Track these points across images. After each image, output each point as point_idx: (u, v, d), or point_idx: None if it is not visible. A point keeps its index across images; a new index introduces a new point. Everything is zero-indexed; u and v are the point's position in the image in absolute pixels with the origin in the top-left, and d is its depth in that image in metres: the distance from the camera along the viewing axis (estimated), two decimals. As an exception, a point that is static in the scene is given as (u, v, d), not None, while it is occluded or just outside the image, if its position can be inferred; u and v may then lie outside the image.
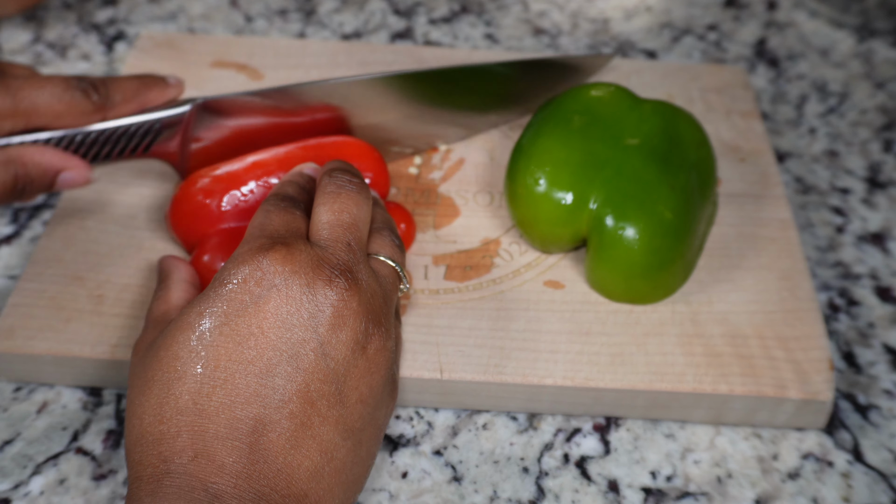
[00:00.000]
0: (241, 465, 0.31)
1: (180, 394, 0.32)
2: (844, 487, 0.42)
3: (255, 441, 0.31)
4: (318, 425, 0.32)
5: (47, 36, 0.64)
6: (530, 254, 0.47)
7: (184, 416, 0.31)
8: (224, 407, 0.31)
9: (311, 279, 0.33)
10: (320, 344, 0.33)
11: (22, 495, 0.40)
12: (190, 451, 0.31)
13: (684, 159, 0.45)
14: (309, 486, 0.32)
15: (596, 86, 0.48)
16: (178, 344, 0.33)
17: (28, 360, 0.42)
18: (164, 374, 0.33)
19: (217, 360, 0.32)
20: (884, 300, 0.50)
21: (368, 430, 0.35)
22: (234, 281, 0.34)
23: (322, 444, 0.32)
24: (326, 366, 0.33)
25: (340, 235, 0.36)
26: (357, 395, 0.34)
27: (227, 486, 0.30)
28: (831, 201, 0.55)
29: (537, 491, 0.41)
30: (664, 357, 0.43)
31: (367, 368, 0.34)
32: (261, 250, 0.34)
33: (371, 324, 0.34)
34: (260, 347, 0.32)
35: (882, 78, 0.64)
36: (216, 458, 0.31)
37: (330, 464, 0.32)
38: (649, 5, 0.70)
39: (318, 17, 0.67)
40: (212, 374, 0.32)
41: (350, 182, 0.39)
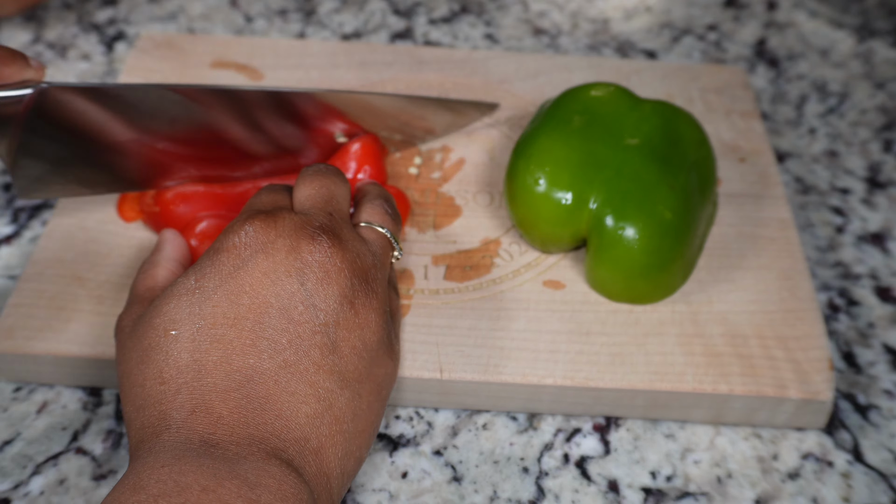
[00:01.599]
0: (238, 414, 0.32)
1: (179, 353, 0.33)
2: (844, 487, 0.42)
3: (251, 390, 0.32)
4: (313, 373, 0.34)
5: (47, 36, 0.64)
6: (530, 254, 0.47)
7: (183, 374, 0.33)
8: (221, 361, 0.33)
9: (294, 240, 0.35)
10: (308, 296, 0.34)
11: (22, 495, 0.40)
12: (188, 405, 0.32)
13: (684, 159, 0.45)
14: (309, 431, 0.33)
15: (596, 86, 0.48)
16: (173, 309, 0.34)
17: (28, 360, 0.42)
18: (161, 340, 0.34)
19: (214, 318, 0.34)
20: (884, 300, 0.50)
21: (367, 385, 0.36)
22: (224, 249, 0.35)
23: (318, 392, 0.33)
24: (316, 317, 0.34)
25: (321, 205, 0.38)
26: (349, 346, 0.35)
27: (224, 435, 0.31)
28: (831, 201, 0.55)
29: (537, 491, 0.41)
30: (664, 357, 0.43)
31: (357, 322, 0.35)
32: (248, 220, 0.36)
33: (357, 280, 0.36)
34: (252, 304, 0.34)
35: (882, 78, 0.64)
36: (213, 410, 0.32)
37: (329, 411, 0.33)
38: (649, 5, 0.70)
39: (318, 17, 0.67)
40: (208, 331, 0.33)
41: (327, 167, 0.41)
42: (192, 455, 0.30)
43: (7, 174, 0.54)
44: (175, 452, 0.30)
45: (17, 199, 0.43)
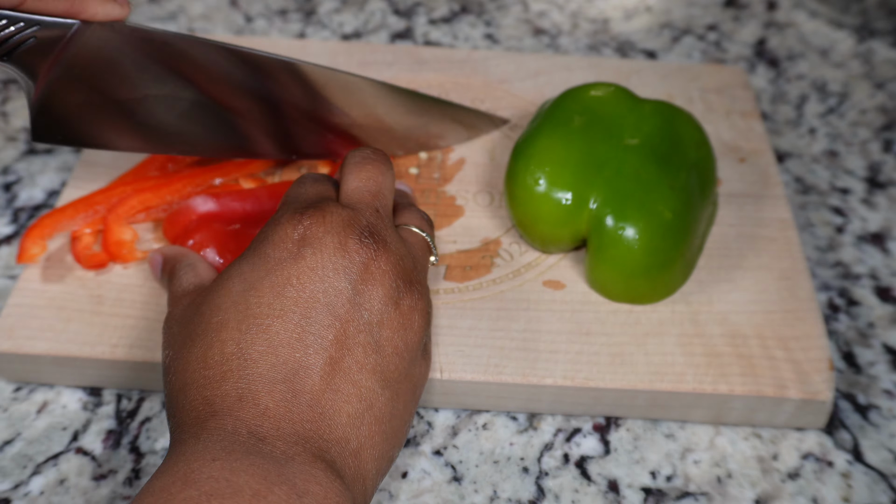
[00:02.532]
0: (283, 407, 0.32)
1: (225, 341, 0.33)
2: (844, 487, 0.42)
3: (297, 385, 0.32)
4: (356, 372, 0.33)
5: (47, 36, 0.64)
6: (530, 254, 0.47)
7: (229, 360, 0.33)
8: (267, 352, 0.33)
9: (342, 238, 0.35)
10: (355, 294, 0.34)
11: (22, 495, 0.40)
12: (234, 393, 0.32)
13: (684, 159, 0.45)
14: (350, 431, 0.33)
15: (596, 86, 0.48)
16: (220, 297, 0.34)
17: (28, 360, 0.42)
18: (207, 326, 0.34)
19: (259, 308, 0.34)
20: (884, 300, 0.50)
21: (405, 385, 0.36)
22: (271, 241, 0.35)
23: (361, 391, 0.33)
24: (361, 316, 0.34)
25: (368, 201, 0.38)
26: (392, 347, 0.35)
27: (271, 429, 0.31)
28: (831, 201, 0.55)
29: (537, 491, 0.41)
30: (664, 357, 0.43)
31: (400, 323, 0.35)
32: (296, 213, 0.36)
33: (402, 282, 0.36)
34: (298, 298, 0.34)
35: (882, 78, 0.64)
36: (260, 401, 0.32)
37: (369, 411, 0.33)
38: (649, 5, 0.70)
39: (318, 17, 0.67)
40: (254, 321, 0.33)
41: (374, 153, 0.40)
42: (242, 451, 0.30)
43: (7, 174, 0.54)
44: (224, 444, 0.30)
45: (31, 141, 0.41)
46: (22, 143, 0.56)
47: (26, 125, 0.57)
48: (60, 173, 0.54)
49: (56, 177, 0.54)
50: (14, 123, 0.58)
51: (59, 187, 0.54)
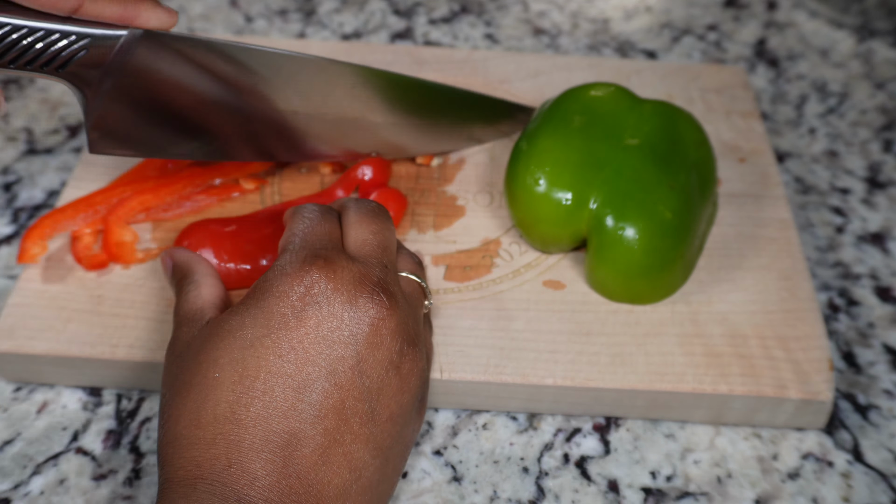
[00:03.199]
0: (273, 478, 0.31)
1: (218, 401, 0.32)
2: (844, 487, 0.42)
3: (288, 455, 0.31)
4: (349, 443, 0.32)
5: (47, 36, 0.64)
6: (530, 254, 0.47)
7: (220, 423, 0.32)
8: (261, 418, 0.32)
9: (352, 296, 0.34)
10: (358, 362, 0.33)
11: (22, 495, 0.40)
12: (224, 459, 0.31)
13: (684, 159, 0.45)
14: (336, 503, 0.32)
15: (596, 86, 0.48)
16: (217, 350, 0.33)
17: (28, 360, 0.42)
18: (202, 379, 0.33)
19: (257, 370, 0.32)
20: (884, 300, 0.50)
21: (396, 448, 0.35)
22: (275, 294, 0.34)
23: (352, 462, 0.32)
24: (362, 384, 0.33)
25: (378, 255, 0.37)
26: (388, 413, 0.34)
27: (259, 499, 0.30)
28: (831, 201, 0.55)
29: (537, 491, 0.41)
30: (664, 357, 0.43)
31: (399, 387, 0.34)
32: (304, 264, 0.34)
33: (406, 344, 0.35)
34: (299, 362, 0.33)
35: (882, 78, 0.64)
36: (249, 470, 0.31)
37: (358, 482, 0.33)
38: (649, 5, 0.70)
39: (318, 17, 0.67)
40: (251, 384, 0.32)
41: (379, 206, 0.39)
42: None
43: (7, 174, 0.54)
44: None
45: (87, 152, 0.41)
46: (22, 143, 0.56)
47: (26, 125, 0.57)
48: (60, 173, 0.54)
49: (56, 177, 0.54)
50: (14, 123, 0.58)
51: (59, 187, 0.54)
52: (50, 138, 0.57)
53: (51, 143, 0.56)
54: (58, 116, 0.58)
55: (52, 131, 0.57)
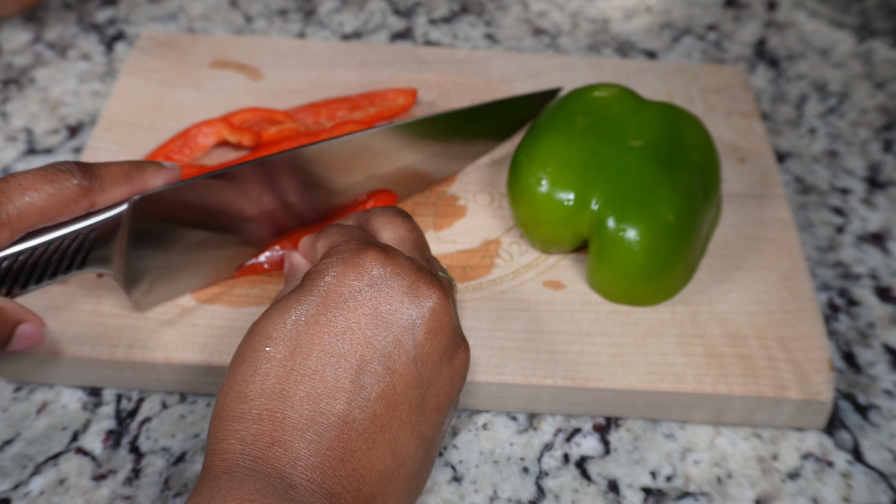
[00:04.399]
0: (317, 458, 0.31)
1: (267, 375, 0.32)
2: (844, 487, 0.42)
3: (333, 438, 0.31)
4: (396, 430, 0.32)
5: (47, 36, 0.64)
6: (530, 254, 0.47)
7: (267, 398, 0.31)
8: (309, 398, 0.31)
9: (413, 282, 0.33)
10: (415, 347, 0.33)
11: (22, 495, 0.40)
12: (268, 436, 0.31)
13: (687, 161, 0.45)
14: (377, 489, 0.32)
15: (600, 87, 0.48)
16: (271, 325, 0.33)
17: (28, 360, 0.42)
18: (253, 353, 0.32)
19: (310, 348, 0.32)
20: (884, 300, 0.50)
21: (437, 439, 0.35)
22: (332, 273, 0.33)
23: (396, 450, 0.32)
24: (417, 370, 0.33)
25: (419, 250, 0.37)
26: (435, 403, 0.34)
27: (302, 479, 0.30)
28: (831, 201, 0.55)
29: (537, 491, 0.41)
30: (664, 357, 0.43)
31: (450, 378, 0.34)
32: (359, 249, 0.34)
33: (458, 335, 0.35)
34: (355, 342, 0.32)
35: (882, 78, 0.64)
36: (293, 448, 0.30)
37: (399, 469, 0.32)
38: (649, 5, 0.70)
39: (318, 17, 0.67)
40: (302, 362, 0.32)
41: (401, 210, 0.39)
42: (275, 494, 0.29)
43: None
44: (259, 487, 0.29)
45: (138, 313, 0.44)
46: (22, 143, 0.56)
47: (26, 125, 0.57)
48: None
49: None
50: (14, 123, 0.58)
51: (59, 187, 0.53)
52: (50, 138, 0.57)
53: (51, 143, 0.56)
54: (58, 116, 0.58)
55: (52, 131, 0.57)
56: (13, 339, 0.37)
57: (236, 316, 0.44)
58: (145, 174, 0.39)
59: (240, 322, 0.43)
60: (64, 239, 0.37)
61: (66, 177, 0.36)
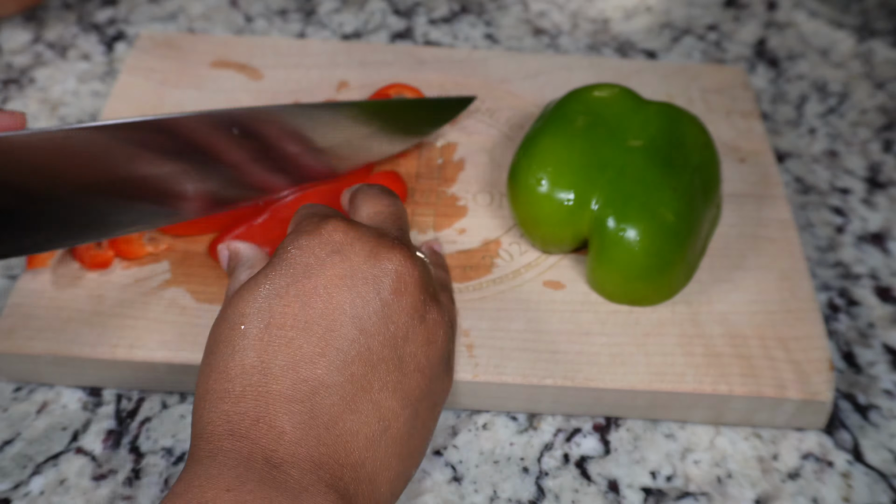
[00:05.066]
0: (301, 430, 0.31)
1: (245, 350, 0.32)
2: (844, 487, 0.42)
3: (316, 404, 0.31)
4: (377, 390, 0.32)
5: (47, 36, 0.64)
6: (530, 254, 0.47)
7: (249, 374, 0.32)
8: (289, 367, 0.32)
9: (374, 246, 0.34)
10: (383, 306, 0.33)
11: (22, 495, 0.40)
12: (252, 414, 0.31)
13: (687, 162, 0.45)
14: (366, 454, 0.32)
15: (600, 86, 0.48)
16: (244, 302, 0.33)
17: (28, 360, 0.42)
18: (230, 332, 0.33)
19: (283, 318, 0.33)
20: (884, 300, 0.50)
21: (425, 402, 0.35)
22: (297, 246, 0.34)
23: (380, 411, 0.32)
24: (388, 329, 0.33)
25: (392, 221, 0.38)
26: (415, 363, 0.34)
27: (286, 455, 0.30)
28: (831, 201, 0.55)
29: (537, 491, 0.41)
30: (664, 357, 0.43)
31: (425, 337, 0.34)
32: (322, 221, 0.35)
33: (428, 295, 0.35)
34: (325, 308, 0.33)
35: (882, 78, 0.64)
36: (277, 425, 0.31)
37: (387, 432, 0.33)
38: (649, 5, 0.70)
39: (318, 17, 0.67)
40: (277, 333, 0.32)
41: (385, 188, 0.40)
42: (256, 480, 0.29)
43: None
44: (239, 472, 0.29)
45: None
46: (22, 142, 0.56)
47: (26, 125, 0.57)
48: None
49: None
50: (14, 123, 0.58)
51: (59, 187, 0.54)
52: (50, 138, 0.57)
53: (51, 143, 0.56)
54: (58, 116, 0.58)
55: (52, 131, 0.57)
56: None
57: (236, 316, 0.44)
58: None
59: (240, 322, 0.43)
60: None
61: None
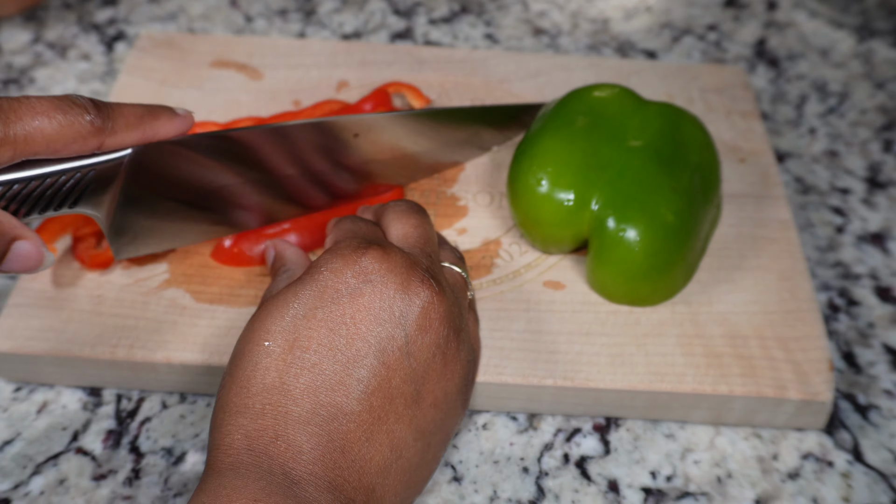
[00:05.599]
0: (318, 451, 0.31)
1: (267, 369, 0.33)
2: (844, 487, 0.42)
3: (333, 429, 0.32)
4: (393, 422, 0.33)
5: (47, 36, 0.64)
6: (530, 254, 0.47)
7: (269, 393, 0.32)
8: (309, 390, 0.32)
9: (405, 279, 0.34)
10: (406, 343, 0.34)
11: (22, 495, 0.40)
12: (272, 431, 0.31)
13: (687, 162, 0.45)
14: (377, 480, 0.32)
15: (600, 87, 0.48)
16: (270, 319, 0.34)
17: (28, 360, 0.42)
18: (253, 347, 0.33)
19: (308, 342, 0.33)
20: (884, 300, 0.50)
21: (438, 435, 0.35)
22: (331, 270, 0.34)
23: (394, 441, 0.33)
24: (409, 365, 0.34)
25: (422, 245, 0.38)
26: (432, 398, 0.34)
27: (304, 473, 0.31)
28: (831, 201, 0.55)
29: (537, 491, 0.41)
30: (664, 357, 0.43)
31: (443, 373, 0.35)
32: (359, 247, 0.35)
33: (452, 331, 0.35)
34: (350, 337, 0.33)
35: (882, 78, 0.64)
36: (295, 443, 0.31)
37: (398, 461, 0.33)
38: (649, 5, 0.70)
39: (318, 17, 0.67)
40: (301, 355, 0.33)
41: (415, 204, 0.40)
42: (279, 492, 0.30)
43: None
44: (263, 485, 0.30)
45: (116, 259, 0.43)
46: (22, 142, 0.56)
47: (26, 125, 0.57)
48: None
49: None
50: (14, 123, 0.58)
51: (59, 187, 0.54)
52: (50, 138, 0.57)
53: (51, 143, 0.56)
54: (58, 116, 0.58)
55: (52, 131, 0.57)
56: (8, 257, 0.35)
57: (236, 316, 0.44)
58: (158, 121, 0.38)
59: (240, 322, 0.43)
60: (62, 174, 0.36)
61: (79, 111, 0.34)
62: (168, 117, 0.38)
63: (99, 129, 0.35)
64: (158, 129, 0.38)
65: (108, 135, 0.36)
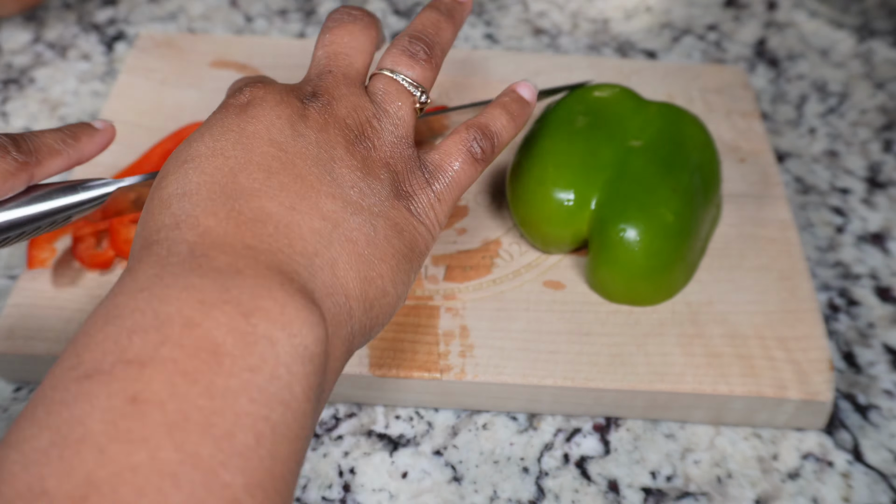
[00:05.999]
0: (228, 223, 0.29)
1: (167, 181, 0.31)
2: (844, 487, 0.42)
3: (242, 204, 0.30)
4: (313, 196, 0.31)
5: (47, 36, 0.64)
6: (530, 254, 0.47)
7: (169, 198, 0.31)
8: (204, 183, 0.31)
9: (284, 95, 0.34)
10: (297, 134, 0.33)
11: (22, 495, 0.40)
12: (170, 221, 0.30)
13: (687, 161, 0.45)
14: (317, 245, 0.30)
15: (600, 87, 0.48)
16: (185, 143, 0.33)
17: (28, 360, 0.42)
18: (158, 180, 0.32)
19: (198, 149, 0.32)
20: (884, 300, 0.50)
21: (381, 220, 0.33)
22: (217, 110, 0.34)
23: (322, 210, 0.31)
24: (307, 149, 0.33)
25: (323, 65, 0.36)
26: (350, 181, 0.33)
27: (213, 244, 0.29)
28: (831, 201, 0.55)
29: (537, 491, 0.41)
30: (664, 357, 0.43)
31: (355, 165, 0.33)
32: (240, 85, 0.36)
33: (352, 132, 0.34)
34: (239, 137, 0.32)
35: (882, 78, 0.64)
36: (199, 223, 0.29)
37: (336, 230, 0.31)
38: (649, 5, 0.70)
39: (318, 17, 0.67)
40: (192, 161, 0.31)
41: (348, 14, 0.38)
42: (177, 270, 0.27)
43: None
44: (155, 271, 0.27)
45: None
46: (22, 142, 0.56)
47: (26, 125, 0.57)
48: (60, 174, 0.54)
49: (57, 177, 0.54)
50: (14, 123, 0.58)
51: (59, 187, 0.54)
52: (50, 138, 0.57)
53: (51, 143, 0.56)
54: (58, 116, 0.58)
55: (52, 131, 0.57)
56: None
57: (236, 316, 0.44)
58: (79, 142, 0.38)
59: (240, 322, 0.43)
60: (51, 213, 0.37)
61: (1, 152, 0.34)
62: (89, 136, 0.39)
63: (24, 164, 0.35)
64: (82, 149, 0.38)
65: (33, 167, 0.36)
